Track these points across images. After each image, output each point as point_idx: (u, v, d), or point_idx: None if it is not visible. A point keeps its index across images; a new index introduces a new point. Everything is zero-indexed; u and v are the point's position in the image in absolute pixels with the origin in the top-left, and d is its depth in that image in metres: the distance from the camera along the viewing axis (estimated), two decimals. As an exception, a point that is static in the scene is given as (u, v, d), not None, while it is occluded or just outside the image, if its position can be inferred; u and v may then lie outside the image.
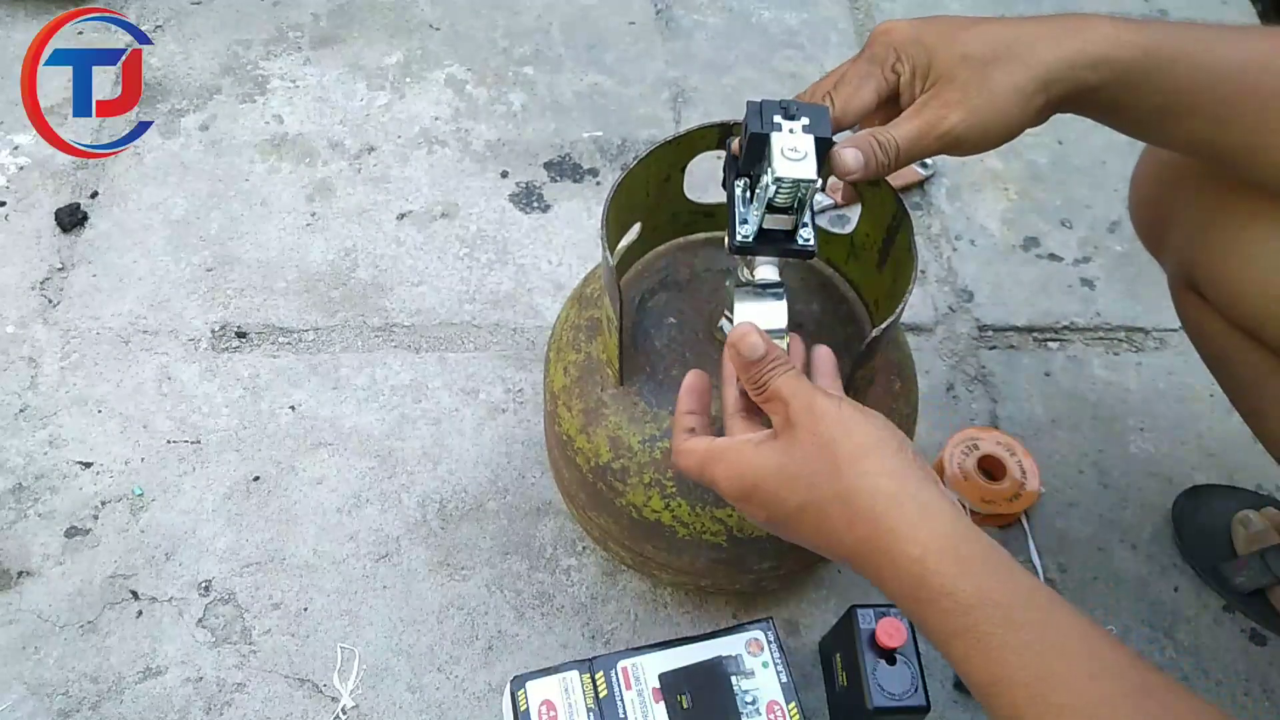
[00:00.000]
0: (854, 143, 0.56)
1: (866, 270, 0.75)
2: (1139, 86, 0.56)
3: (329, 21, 1.34)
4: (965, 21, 0.57)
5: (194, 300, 1.07)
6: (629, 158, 1.21)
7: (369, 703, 0.84)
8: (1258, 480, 0.99)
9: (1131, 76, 0.55)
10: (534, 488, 0.95)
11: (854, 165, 0.55)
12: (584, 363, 0.73)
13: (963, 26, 0.57)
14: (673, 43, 1.35)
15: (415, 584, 0.90)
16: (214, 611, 0.88)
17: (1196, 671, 0.88)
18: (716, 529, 0.70)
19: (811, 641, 0.87)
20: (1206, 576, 0.92)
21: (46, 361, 1.02)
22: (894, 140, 0.56)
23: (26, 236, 1.11)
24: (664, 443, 0.68)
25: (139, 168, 1.17)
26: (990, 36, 0.56)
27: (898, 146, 0.56)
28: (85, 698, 0.83)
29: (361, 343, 1.05)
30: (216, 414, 0.99)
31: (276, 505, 0.94)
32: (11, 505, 0.92)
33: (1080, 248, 1.17)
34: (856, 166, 0.55)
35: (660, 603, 0.89)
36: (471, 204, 1.16)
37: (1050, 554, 0.94)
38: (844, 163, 0.56)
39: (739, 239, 0.58)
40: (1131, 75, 0.55)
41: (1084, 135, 1.26)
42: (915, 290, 0.63)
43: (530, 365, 1.04)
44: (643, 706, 0.73)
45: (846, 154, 0.56)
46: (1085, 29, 0.55)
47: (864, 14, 1.40)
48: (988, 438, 0.96)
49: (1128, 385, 1.06)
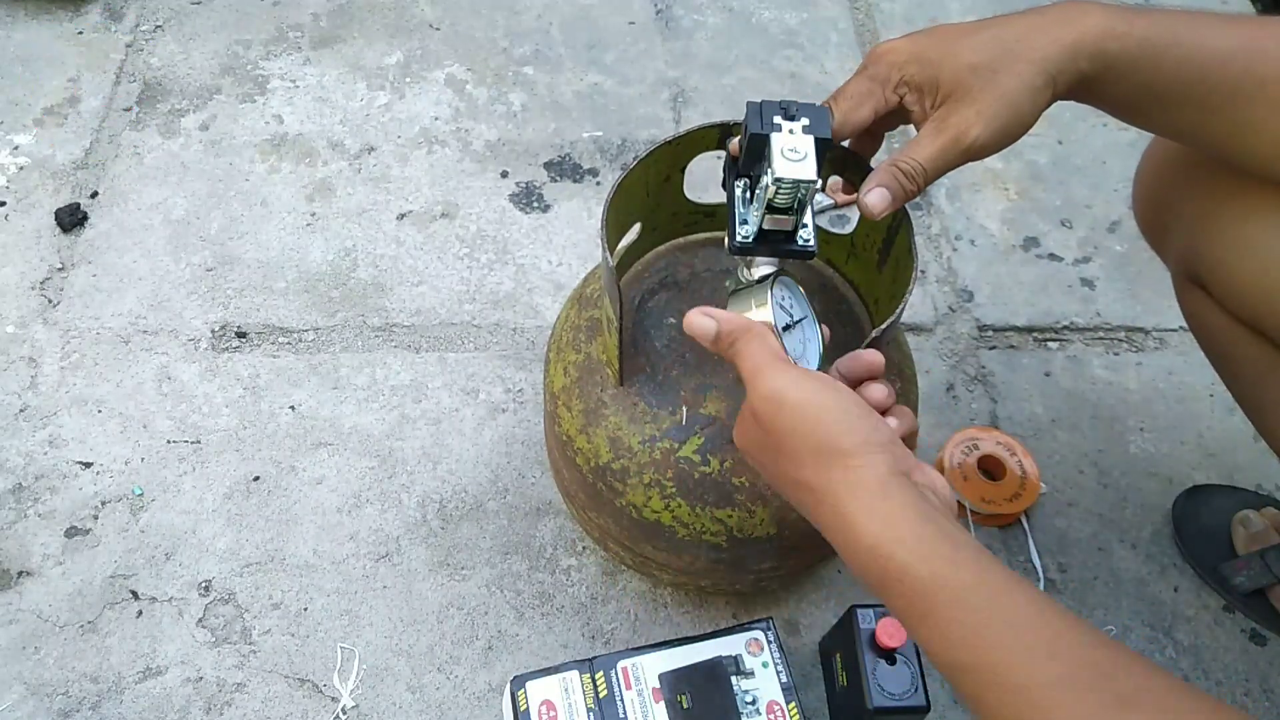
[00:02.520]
0: (877, 180, 0.56)
1: (866, 270, 0.75)
2: (1130, 75, 0.56)
3: (329, 21, 1.34)
4: (960, 31, 0.58)
5: (194, 300, 1.07)
6: (629, 158, 1.21)
7: (369, 703, 0.84)
8: (1258, 480, 0.99)
9: (1122, 66, 0.56)
10: (534, 488, 0.95)
11: (881, 206, 0.56)
12: (584, 363, 0.73)
13: (961, 37, 0.57)
14: (673, 43, 1.35)
15: (415, 584, 0.90)
16: (214, 611, 0.88)
17: (1196, 671, 0.88)
18: (716, 529, 0.70)
19: (811, 641, 0.87)
20: (1206, 576, 0.92)
21: (46, 361, 1.02)
22: (919, 164, 0.56)
23: (26, 236, 1.11)
24: (664, 443, 0.68)
25: (139, 168, 1.17)
26: (991, 41, 0.56)
27: (924, 170, 0.56)
28: (85, 698, 0.83)
29: (361, 343, 1.05)
30: (216, 414, 0.99)
31: (276, 505, 0.94)
32: (11, 505, 0.92)
33: (1080, 248, 1.17)
34: (884, 206, 0.56)
35: (660, 603, 0.89)
36: (471, 204, 1.16)
37: (1050, 554, 0.94)
38: (870, 208, 0.56)
39: (739, 239, 0.58)
40: (1122, 64, 0.56)
41: (1084, 135, 1.27)
42: (915, 290, 0.63)
43: (530, 365, 1.04)
44: (643, 706, 0.73)
45: (871, 199, 0.56)
46: (1078, 19, 0.56)
47: (864, 14, 1.40)
48: (988, 438, 0.96)
49: (1128, 385, 1.06)
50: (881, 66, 0.58)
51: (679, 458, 0.68)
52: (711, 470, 0.68)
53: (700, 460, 0.68)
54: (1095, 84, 0.57)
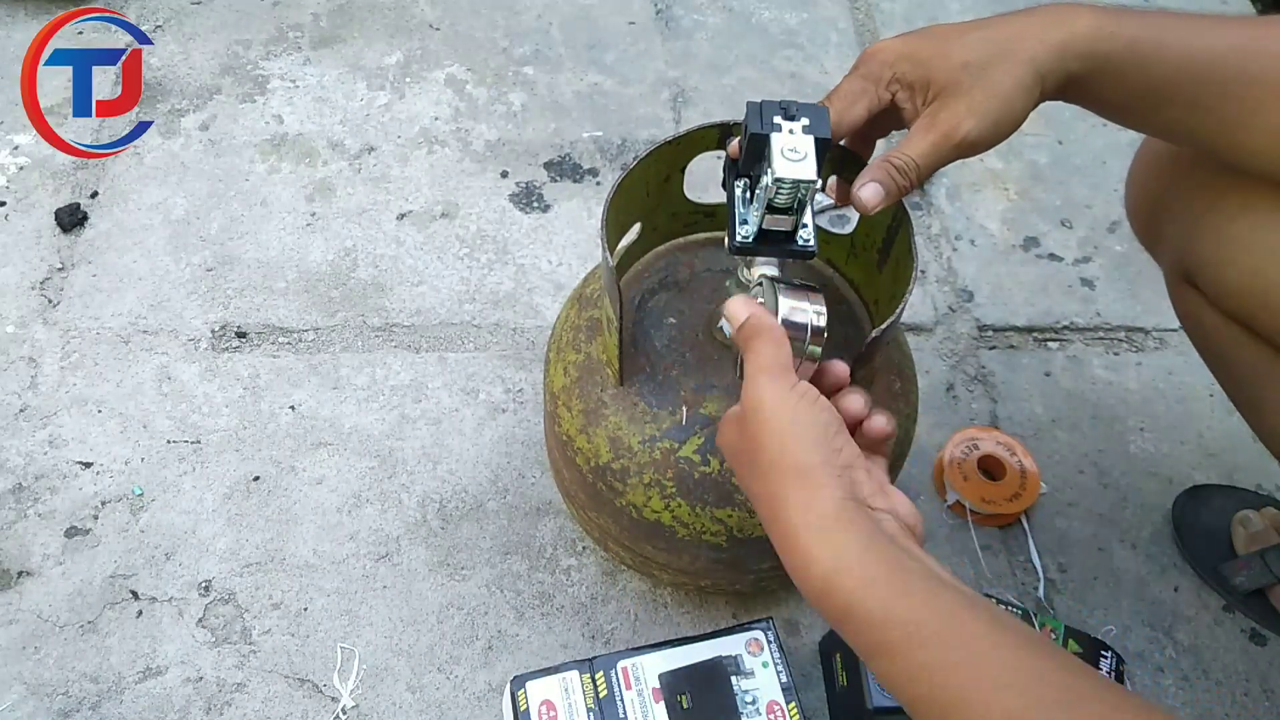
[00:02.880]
0: (870, 175, 0.56)
1: (866, 270, 0.75)
2: (1120, 76, 0.57)
3: (329, 21, 1.34)
4: (953, 31, 0.58)
5: (194, 300, 1.07)
6: (629, 158, 1.21)
7: (369, 703, 0.84)
8: (1258, 480, 0.99)
9: (1111, 67, 0.56)
10: (534, 488, 0.95)
11: (875, 201, 0.56)
12: (584, 363, 0.73)
13: (953, 36, 0.57)
14: (673, 43, 1.35)
15: (415, 584, 0.90)
16: (214, 611, 0.88)
17: (1196, 671, 0.88)
18: (716, 529, 0.70)
19: (811, 641, 0.87)
20: (1206, 576, 0.92)
21: (46, 361, 1.02)
22: (911, 160, 0.56)
23: (26, 236, 1.11)
24: (664, 443, 0.68)
25: (139, 168, 1.17)
26: (984, 39, 0.56)
27: (917, 165, 0.56)
28: (85, 698, 0.83)
29: (361, 343, 1.05)
30: (216, 414, 0.99)
31: (276, 505, 0.94)
32: (11, 505, 0.92)
33: (1080, 248, 1.17)
34: (877, 200, 0.56)
35: (660, 603, 0.89)
36: (471, 204, 1.16)
37: (1050, 554, 0.94)
38: (864, 203, 0.56)
39: (739, 239, 0.58)
40: (1111, 65, 0.56)
41: (1084, 135, 1.27)
42: (915, 290, 0.63)
43: (530, 365, 1.04)
44: (643, 706, 0.73)
45: (865, 193, 0.56)
46: (1069, 20, 0.56)
47: (864, 14, 1.40)
48: (988, 438, 0.96)
49: (1128, 385, 1.06)
50: (874, 65, 0.59)
51: (679, 458, 0.68)
52: (711, 470, 0.68)
53: (700, 460, 0.68)
54: (1084, 84, 0.57)
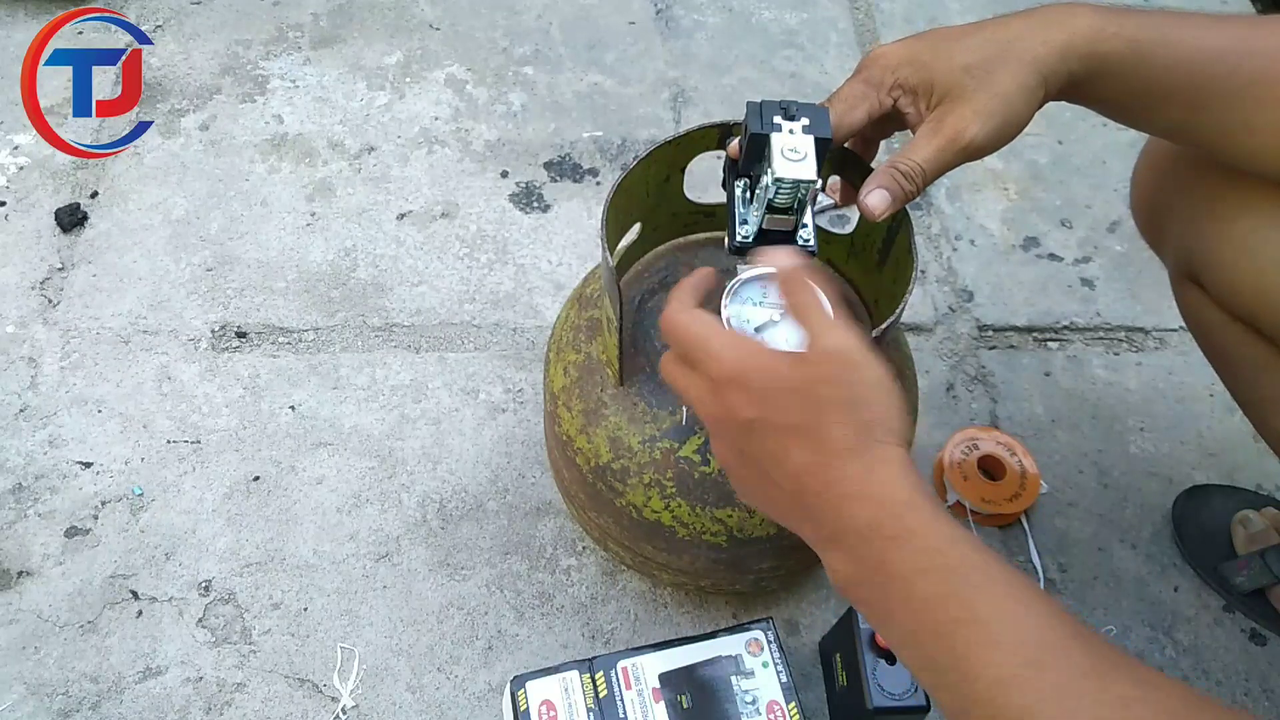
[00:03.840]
0: (877, 182, 0.57)
1: (866, 270, 0.75)
2: (1120, 76, 0.57)
3: (329, 21, 1.34)
4: (954, 33, 0.58)
5: (194, 300, 1.07)
6: (629, 158, 1.21)
7: (369, 703, 0.84)
8: (1258, 480, 0.99)
9: (1112, 67, 0.56)
10: (534, 488, 0.95)
11: (882, 208, 0.56)
12: (584, 363, 0.73)
13: (954, 39, 0.57)
14: (673, 43, 1.35)
15: (415, 584, 0.90)
16: (214, 611, 0.88)
17: (1196, 671, 0.88)
18: (716, 529, 0.70)
19: (811, 641, 0.87)
20: (1206, 576, 0.92)
21: (46, 361, 1.02)
22: (917, 165, 0.56)
23: (26, 236, 1.11)
24: (664, 443, 0.68)
25: (139, 168, 1.17)
26: (985, 42, 0.56)
27: (922, 170, 0.57)
28: (85, 698, 0.83)
29: (361, 343, 1.05)
30: (216, 414, 0.99)
31: (276, 505, 0.94)
32: (11, 505, 0.92)
33: (1080, 248, 1.17)
34: (884, 207, 0.56)
35: (660, 603, 0.89)
36: (471, 204, 1.16)
37: (1050, 554, 0.94)
38: (871, 210, 0.56)
39: (739, 239, 0.58)
40: (1112, 65, 0.56)
41: (1084, 135, 1.27)
42: (915, 290, 0.63)
43: (530, 365, 1.04)
44: (643, 706, 0.73)
45: (872, 200, 0.56)
46: (1069, 20, 0.56)
47: (864, 14, 1.40)
48: (988, 438, 0.96)
49: (1128, 385, 1.06)
50: (875, 70, 0.59)
51: (679, 458, 0.68)
52: (711, 470, 0.68)
53: (700, 460, 0.68)
54: (1086, 85, 0.57)
